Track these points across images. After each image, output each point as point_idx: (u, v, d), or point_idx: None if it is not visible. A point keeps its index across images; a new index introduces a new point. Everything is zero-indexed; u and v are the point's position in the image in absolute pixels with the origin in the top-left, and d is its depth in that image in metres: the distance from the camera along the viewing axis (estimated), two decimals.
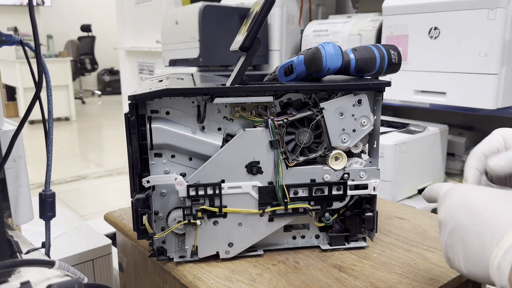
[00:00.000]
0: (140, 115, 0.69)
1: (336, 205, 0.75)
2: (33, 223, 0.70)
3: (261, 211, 0.74)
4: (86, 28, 7.84)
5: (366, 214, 0.77)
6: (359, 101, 0.71)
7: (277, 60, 2.27)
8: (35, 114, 0.84)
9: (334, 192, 0.75)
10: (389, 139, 1.55)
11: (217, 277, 0.69)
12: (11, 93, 5.76)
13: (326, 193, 0.74)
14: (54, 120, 5.03)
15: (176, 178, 0.70)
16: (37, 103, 0.66)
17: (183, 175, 0.73)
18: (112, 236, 1.31)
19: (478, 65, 1.49)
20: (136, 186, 0.71)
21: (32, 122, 5.13)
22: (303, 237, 0.79)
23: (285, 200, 0.73)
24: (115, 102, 7.27)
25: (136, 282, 0.90)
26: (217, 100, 0.69)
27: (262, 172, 0.72)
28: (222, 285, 0.67)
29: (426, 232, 0.84)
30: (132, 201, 0.71)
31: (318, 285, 0.66)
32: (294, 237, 0.79)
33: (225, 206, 0.73)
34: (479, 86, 1.50)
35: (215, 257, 0.75)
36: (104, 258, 1.16)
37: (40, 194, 0.70)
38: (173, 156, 0.73)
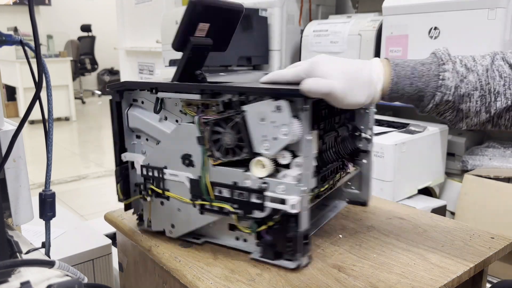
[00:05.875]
0: (117, 102, 0.82)
1: (257, 214, 0.71)
2: (33, 223, 0.70)
3: (192, 202, 0.77)
4: (86, 28, 7.83)
5: (289, 233, 0.69)
6: (278, 108, 0.65)
7: (277, 60, 2.27)
8: (35, 114, 0.85)
9: (253, 199, 0.71)
10: (389, 139, 1.55)
11: (217, 277, 0.69)
12: (11, 93, 5.75)
13: (246, 199, 0.72)
14: (54, 120, 5.02)
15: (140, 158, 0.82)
16: (37, 103, 0.66)
17: None
18: (112, 236, 1.31)
19: None
20: (117, 160, 0.84)
21: (32, 122, 5.13)
22: (245, 240, 0.78)
23: (210, 197, 0.75)
24: None
25: (136, 282, 0.91)
26: (160, 94, 0.78)
27: (194, 165, 0.76)
28: (221, 285, 0.67)
29: (426, 232, 0.84)
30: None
31: (318, 285, 0.66)
32: (237, 238, 0.79)
33: (168, 190, 0.79)
34: None
35: (214, 257, 0.75)
36: (104, 258, 1.16)
37: (40, 194, 0.70)
38: (147, 139, 0.82)
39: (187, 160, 0.76)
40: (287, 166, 0.69)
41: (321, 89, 0.64)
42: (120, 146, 0.83)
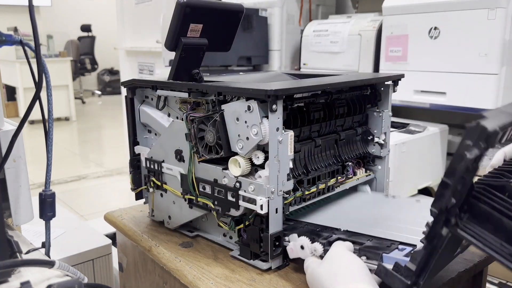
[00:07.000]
0: (130, 98, 0.87)
1: (233, 212, 0.72)
2: (33, 223, 0.70)
3: (183, 196, 0.79)
4: (86, 28, 7.83)
5: (262, 234, 0.69)
6: (249, 108, 0.66)
7: (277, 60, 2.27)
8: (35, 114, 0.86)
9: (229, 197, 0.71)
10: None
11: (217, 277, 0.69)
12: (11, 93, 5.75)
13: (224, 196, 0.72)
14: (54, 120, 5.00)
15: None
16: (37, 103, 0.66)
17: None
18: (112, 236, 1.31)
19: (478, 65, 1.49)
20: (131, 152, 0.90)
21: (32, 122, 5.12)
22: (231, 237, 0.79)
23: (196, 192, 0.76)
24: (115, 102, 7.26)
25: (136, 282, 0.90)
26: (159, 92, 0.81)
27: (184, 161, 0.78)
28: (222, 285, 0.66)
29: None
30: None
31: None
32: (224, 235, 0.80)
33: (165, 183, 0.83)
34: (479, 86, 1.50)
35: (214, 257, 0.75)
36: (104, 258, 1.16)
37: (40, 194, 0.70)
38: (155, 134, 0.88)
39: (178, 156, 0.79)
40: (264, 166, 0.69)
41: None
42: (133, 140, 0.89)
